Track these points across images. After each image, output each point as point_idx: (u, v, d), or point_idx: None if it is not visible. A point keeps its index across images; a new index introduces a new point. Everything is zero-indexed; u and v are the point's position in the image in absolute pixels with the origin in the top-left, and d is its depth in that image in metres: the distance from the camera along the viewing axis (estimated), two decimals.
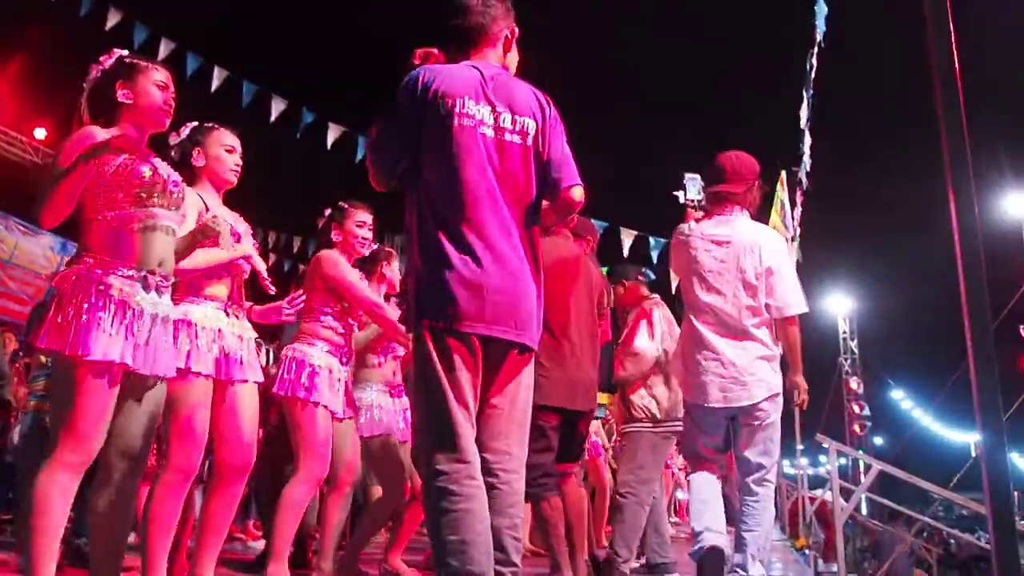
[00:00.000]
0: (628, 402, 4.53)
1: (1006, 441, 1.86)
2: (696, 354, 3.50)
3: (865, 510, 14.95)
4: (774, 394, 3.46)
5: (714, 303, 3.49)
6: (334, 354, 3.54)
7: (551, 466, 3.44)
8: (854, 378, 20.49)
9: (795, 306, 3.54)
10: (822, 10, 7.44)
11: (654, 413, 4.42)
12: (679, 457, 10.09)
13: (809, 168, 9.44)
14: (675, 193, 4.05)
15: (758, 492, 3.44)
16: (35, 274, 12.44)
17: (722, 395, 3.42)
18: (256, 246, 3.18)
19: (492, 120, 2.28)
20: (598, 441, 6.44)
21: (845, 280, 21.49)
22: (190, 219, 2.76)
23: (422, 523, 5.78)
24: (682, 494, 14.30)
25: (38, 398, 4.55)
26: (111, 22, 8.46)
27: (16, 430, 4.96)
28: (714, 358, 3.45)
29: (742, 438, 3.46)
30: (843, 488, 6.59)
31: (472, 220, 2.21)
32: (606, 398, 5.98)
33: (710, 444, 3.57)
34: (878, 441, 25.78)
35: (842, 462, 7.70)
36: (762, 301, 3.48)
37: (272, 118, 8.93)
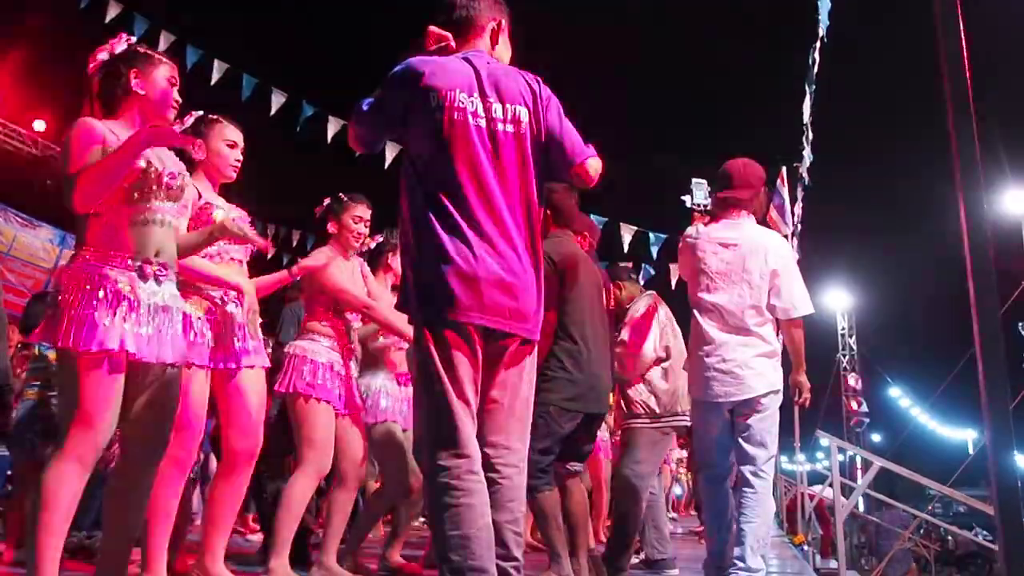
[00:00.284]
0: (627, 398, 4.52)
1: (1013, 435, 1.86)
2: (700, 351, 3.62)
3: (863, 506, 14.99)
4: (774, 390, 3.56)
5: (719, 302, 3.61)
6: (336, 350, 3.54)
7: (549, 465, 3.45)
8: (852, 374, 20.54)
9: (801, 308, 3.65)
10: (825, 5, 7.42)
11: (653, 408, 4.42)
12: (679, 452, 10.11)
13: (809, 164, 9.43)
14: (683, 197, 4.16)
15: (755, 484, 3.52)
16: (34, 266, 12.43)
17: (723, 389, 3.53)
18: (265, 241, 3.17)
19: (484, 112, 2.28)
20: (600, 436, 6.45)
21: (844, 277, 21.55)
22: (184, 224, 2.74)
23: (422, 519, 5.81)
24: (679, 489, 14.34)
25: (37, 388, 4.54)
26: (111, 14, 8.43)
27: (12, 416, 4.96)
28: (717, 354, 3.56)
29: (741, 429, 3.57)
30: (842, 484, 6.60)
31: (467, 211, 2.21)
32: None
33: (719, 440, 3.65)
34: (875, 438, 25.86)
35: (840, 458, 7.70)
36: (765, 302, 3.60)
37: (272, 111, 8.91)
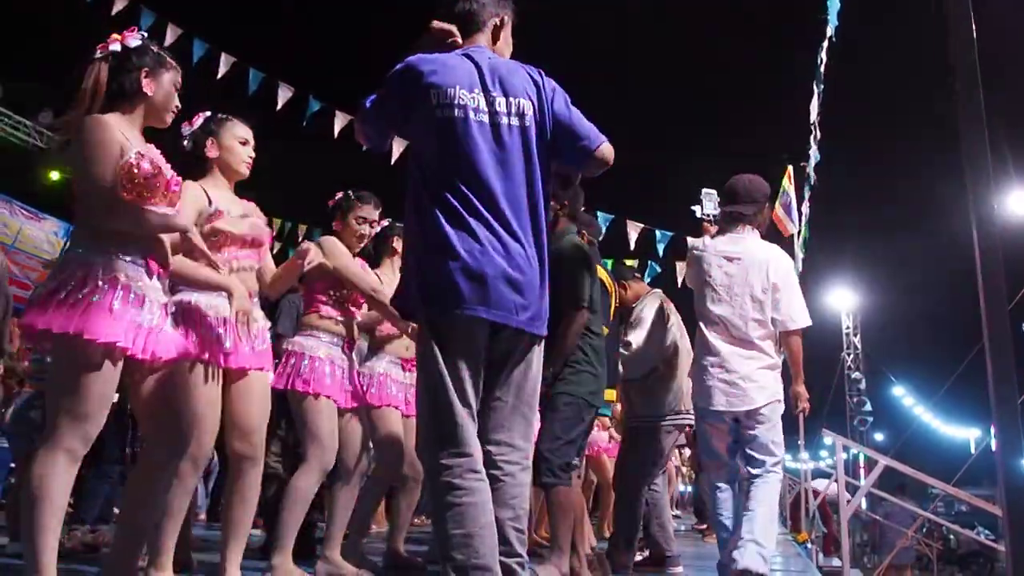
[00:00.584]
0: (631, 396, 4.53)
1: (1022, 434, 1.85)
2: (705, 361, 3.75)
3: (865, 505, 14.98)
4: (775, 400, 3.71)
5: (723, 314, 3.74)
6: (336, 344, 3.53)
7: (574, 459, 3.53)
8: (856, 373, 20.52)
9: (799, 320, 3.80)
10: (834, 5, 7.40)
11: (657, 407, 4.43)
12: (684, 451, 10.11)
13: (816, 164, 9.42)
14: (692, 208, 4.26)
15: (764, 475, 3.67)
16: (39, 259, 12.45)
17: (726, 399, 3.68)
18: (268, 231, 3.17)
19: (487, 107, 2.27)
20: (603, 436, 6.45)
21: (849, 275, 21.56)
22: (189, 215, 2.73)
23: (422, 513, 5.82)
24: (682, 486, 14.32)
25: (37, 380, 4.57)
26: (118, 7, 8.44)
27: (10, 410, 4.98)
28: (720, 365, 3.70)
29: (747, 440, 3.71)
30: (846, 483, 6.59)
31: (472, 208, 2.20)
32: (613, 394, 5.99)
33: (723, 443, 3.78)
34: (879, 436, 25.82)
35: (844, 457, 7.70)
36: (768, 315, 3.74)
37: (279, 106, 8.90)
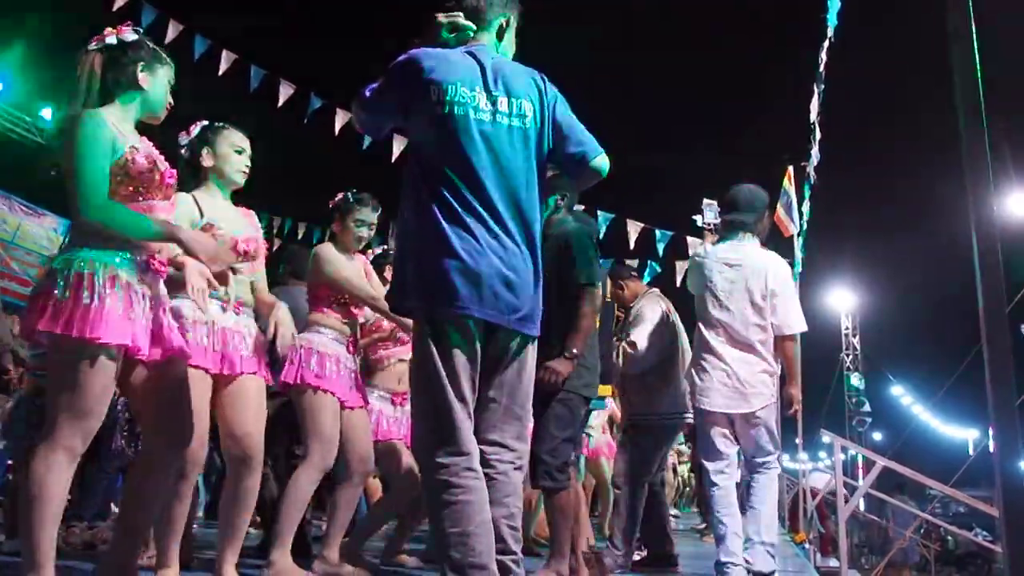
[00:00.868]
0: (630, 396, 4.53)
1: (1020, 436, 1.85)
2: (705, 363, 3.88)
3: (863, 505, 14.99)
4: (770, 402, 3.86)
5: (724, 319, 3.87)
6: (341, 342, 3.54)
7: (571, 458, 3.51)
8: (855, 373, 20.54)
9: (795, 326, 3.94)
10: (834, 5, 7.39)
11: (656, 406, 4.43)
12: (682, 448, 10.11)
13: (817, 164, 9.41)
14: (693, 217, 4.42)
15: (764, 473, 3.87)
16: (38, 255, 12.42)
17: (724, 401, 3.82)
18: (263, 243, 3.16)
19: (488, 105, 2.27)
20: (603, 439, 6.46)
21: (848, 276, 21.58)
22: (182, 223, 2.72)
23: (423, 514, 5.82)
24: (682, 486, 14.34)
25: (34, 377, 4.56)
26: (119, 3, 8.42)
27: (8, 406, 4.98)
28: (721, 368, 3.83)
29: (743, 439, 3.89)
30: (845, 484, 6.59)
31: (469, 206, 2.20)
32: (609, 389, 5.99)
33: (722, 443, 3.90)
34: (877, 436, 25.85)
35: (842, 457, 7.72)
36: (768, 320, 3.87)
37: (280, 103, 8.89)
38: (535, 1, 2.75)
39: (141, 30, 2.61)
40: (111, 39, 2.51)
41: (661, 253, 9.35)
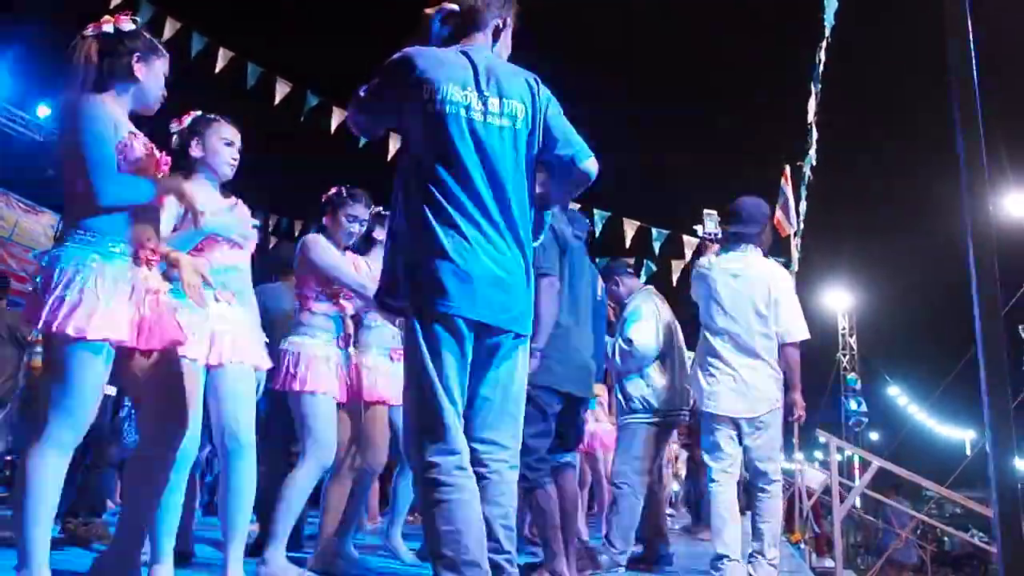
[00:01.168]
0: (626, 393, 4.53)
1: (1015, 437, 1.85)
2: (712, 367, 4.02)
3: (859, 505, 14.99)
4: (775, 407, 4.01)
5: (729, 327, 4.01)
6: (330, 340, 3.51)
7: (546, 452, 3.42)
8: (852, 374, 20.56)
9: (797, 334, 4.09)
10: (832, 5, 7.39)
11: (652, 404, 4.43)
12: (676, 448, 10.11)
13: (813, 164, 9.42)
14: (695, 227, 4.57)
15: (768, 489, 4.00)
16: (35, 252, 12.41)
17: (732, 405, 3.97)
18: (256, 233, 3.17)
19: (479, 105, 2.27)
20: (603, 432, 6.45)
21: (845, 276, 21.57)
22: (169, 207, 2.73)
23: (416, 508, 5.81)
24: (678, 486, 14.34)
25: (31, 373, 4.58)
26: (116, 0, 8.41)
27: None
28: (729, 373, 3.98)
29: (749, 446, 4.02)
30: (840, 484, 6.59)
31: (460, 205, 2.20)
32: (600, 388, 5.98)
33: (726, 445, 4.04)
34: (873, 437, 25.88)
35: (839, 458, 7.73)
36: (772, 328, 4.03)
37: (276, 101, 8.89)
38: (534, 0, 2.75)
39: (139, 20, 2.60)
40: (108, 27, 2.50)
41: (657, 252, 9.37)
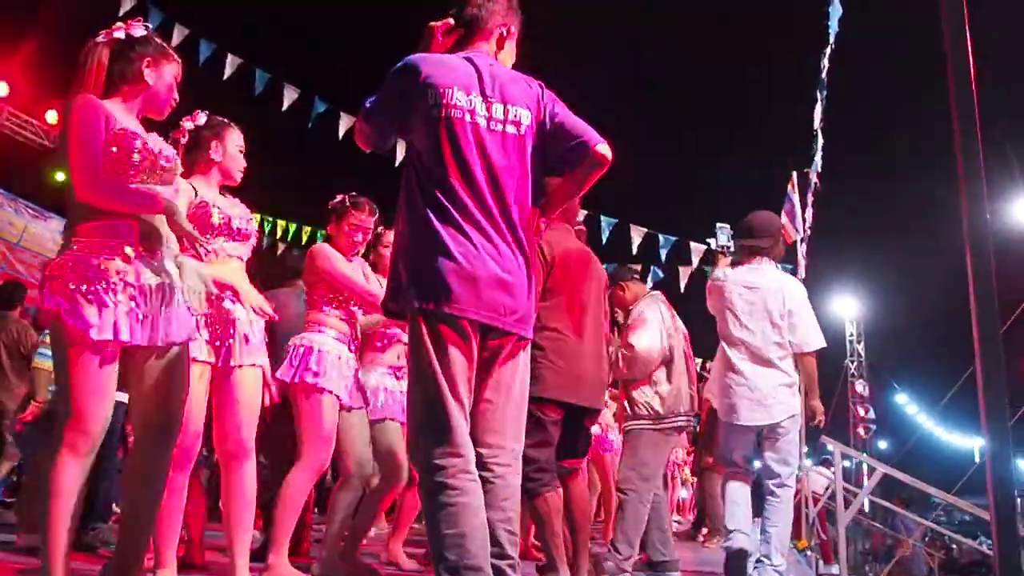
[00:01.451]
0: (631, 399, 4.52)
1: (1012, 448, 1.86)
2: (729, 379, 4.17)
3: (868, 512, 14.92)
4: (793, 414, 4.13)
5: (745, 338, 4.16)
6: (342, 341, 3.53)
7: (548, 461, 3.41)
8: (860, 381, 20.43)
9: (814, 343, 4.23)
10: (836, 11, 7.40)
11: (657, 410, 4.42)
12: (683, 453, 10.10)
13: (820, 170, 9.41)
14: (707, 240, 4.71)
15: (779, 494, 4.09)
16: (44, 258, 12.47)
17: (750, 415, 4.10)
18: (257, 233, 3.19)
19: (484, 111, 2.28)
20: (612, 438, 6.44)
21: (853, 283, 21.41)
22: (181, 205, 2.74)
23: (420, 514, 5.82)
24: (685, 492, 14.34)
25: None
26: (125, 7, 8.48)
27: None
28: (744, 383, 4.12)
29: (766, 449, 4.14)
30: (846, 490, 6.58)
31: (465, 209, 2.21)
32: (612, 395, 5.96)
33: (742, 454, 4.21)
34: (882, 445, 25.74)
35: (846, 464, 7.72)
36: (786, 338, 4.16)
37: (284, 107, 8.94)
38: (538, 8, 2.76)
39: (150, 26, 2.63)
40: (119, 33, 2.54)
41: (664, 258, 9.38)
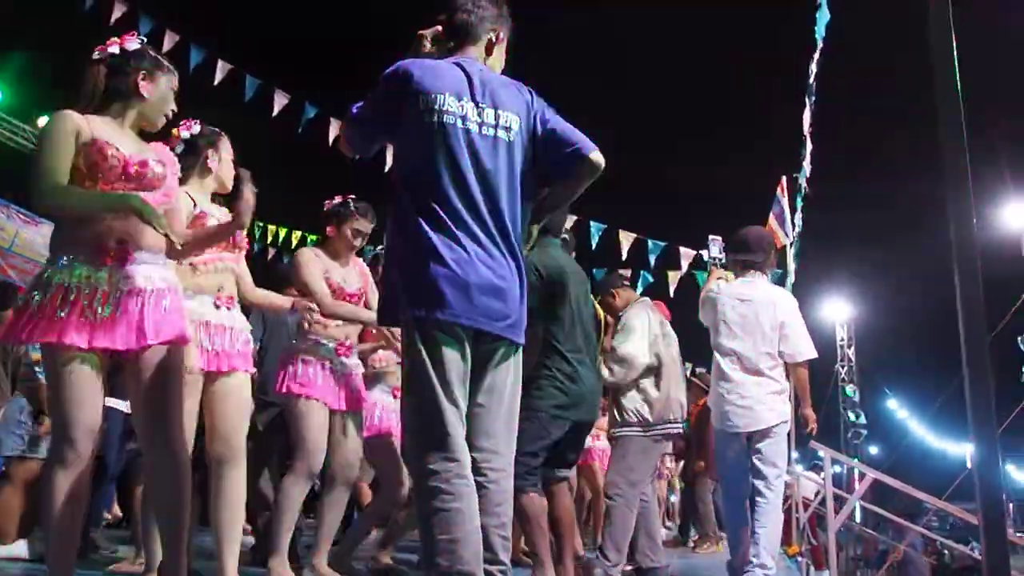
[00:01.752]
0: (620, 406, 4.53)
1: (1000, 453, 1.87)
2: (721, 388, 4.31)
3: (859, 517, 14.95)
4: (782, 420, 4.27)
5: (737, 348, 4.30)
6: (329, 348, 3.54)
7: (538, 468, 3.45)
8: (850, 385, 20.48)
9: (806, 354, 4.38)
10: (824, 16, 7.43)
11: (645, 417, 4.43)
12: (672, 461, 10.10)
13: (809, 174, 9.43)
14: (700, 252, 4.83)
15: (767, 496, 4.17)
16: (35, 263, 12.42)
17: (742, 421, 4.23)
18: (247, 242, 3.22)
19: (476, 116, 2.28)
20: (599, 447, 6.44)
21: (843, 287, 21.49)
22: (181, 219, 2.76)
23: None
24: (675, 497, 14.33)
25: (24, 383, 4.58)
26: (116, 13, 8.47)
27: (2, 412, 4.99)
28: (736, 391, 4.26)
29: (756, 452, 4.25)
30: (837, 496, 6.59)
31: (456, 215, 2.22)
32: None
33: (739, 460, 4.31)
34: (873, 450, 25.82)
35: (836, 470, 7.73)
36: (777, 348, 4.31)
37: (274, 113, 8.94)
38: (528, 15, 2.77)
39: (144, 39, 2.64)
40: (113, 48, 2.54)
41: (653, 263, 9.38)
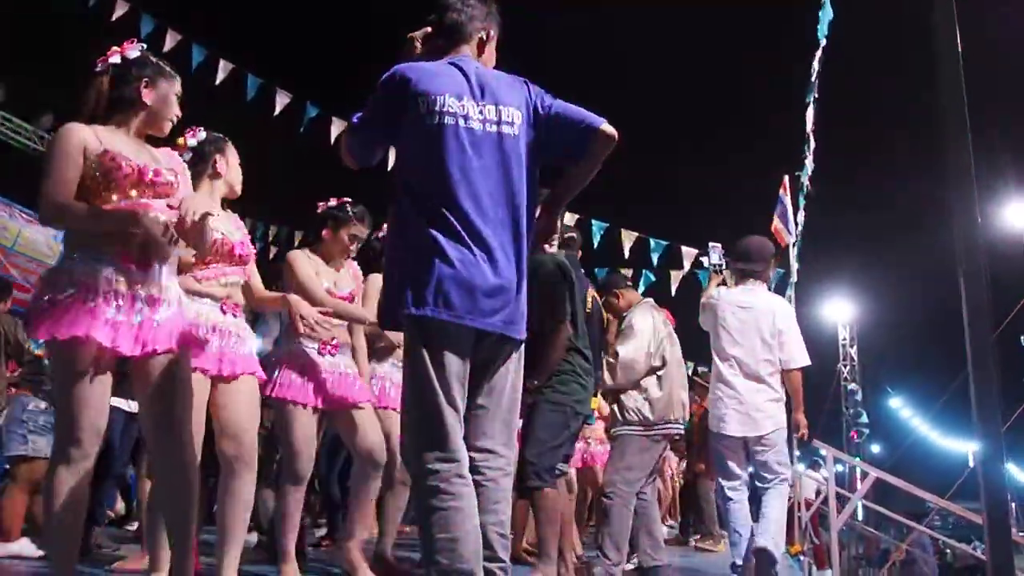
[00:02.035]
0: (621, 404, 4.53)
1: (1004, 452, 1.86)
2: (720, 392, 4.45)
3: (861, 517, 14.93)
4: (779, 427, 4.42)
5: (737, 354, 4.45)
6: (321, 350, 3.51)
7: (561, 463, 3.64)
8: (853, 384, 20.44)
9: (800, 361, 4.54)
10: (827, 15, 7.42)
11: (646, 416, 4.43)
12: (676, 461, 10.09)
13: (811, 173, 9.42)
14: (701, 258, 4.95)
15: (770, 490, 4.36)
16: (38, 262, 12.43)
17: (739, 426, 4.38)
18: (253, 246, 3.23)
19: (477, 115, 2.28)
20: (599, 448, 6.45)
21: (846, 286, 21.43)
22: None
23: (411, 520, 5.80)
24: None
25: (28, 382, 4.60)
26: (118, 12, 8.48)
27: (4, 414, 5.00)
28: (734, 396, 4.40)
29: (757, 462, 4.42)
30: (839, 495, 6.58)
31: (460, 214, 2.21)
32: (595, 403, 5.99)
33: (736, 463, 4.46)
34: (875, 449, 25.75)
35: (839, 469, 7.72)
36: (776, 355, 4.46)
37: (276, 112, 8.95)
38: (527, 12, 2.77)
39: (144, 46, 2.65)
40: (115, 58, 2.55)
41: (655, 263, 9.37)
